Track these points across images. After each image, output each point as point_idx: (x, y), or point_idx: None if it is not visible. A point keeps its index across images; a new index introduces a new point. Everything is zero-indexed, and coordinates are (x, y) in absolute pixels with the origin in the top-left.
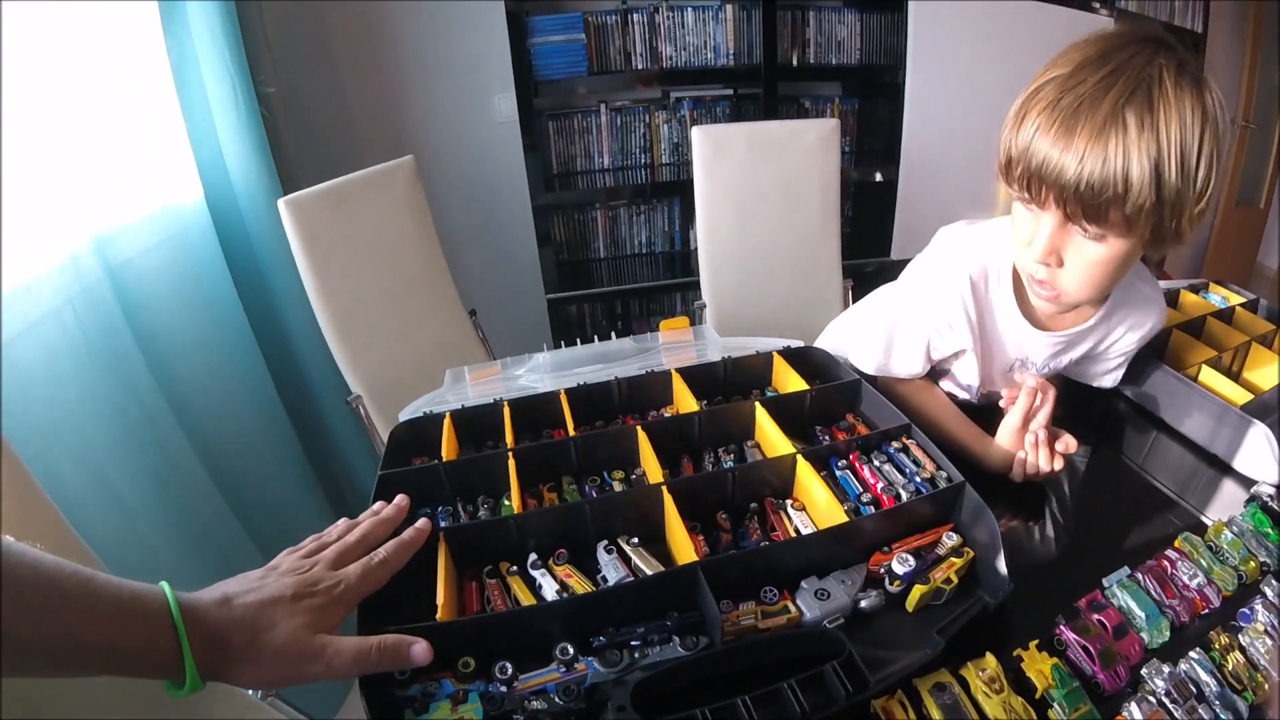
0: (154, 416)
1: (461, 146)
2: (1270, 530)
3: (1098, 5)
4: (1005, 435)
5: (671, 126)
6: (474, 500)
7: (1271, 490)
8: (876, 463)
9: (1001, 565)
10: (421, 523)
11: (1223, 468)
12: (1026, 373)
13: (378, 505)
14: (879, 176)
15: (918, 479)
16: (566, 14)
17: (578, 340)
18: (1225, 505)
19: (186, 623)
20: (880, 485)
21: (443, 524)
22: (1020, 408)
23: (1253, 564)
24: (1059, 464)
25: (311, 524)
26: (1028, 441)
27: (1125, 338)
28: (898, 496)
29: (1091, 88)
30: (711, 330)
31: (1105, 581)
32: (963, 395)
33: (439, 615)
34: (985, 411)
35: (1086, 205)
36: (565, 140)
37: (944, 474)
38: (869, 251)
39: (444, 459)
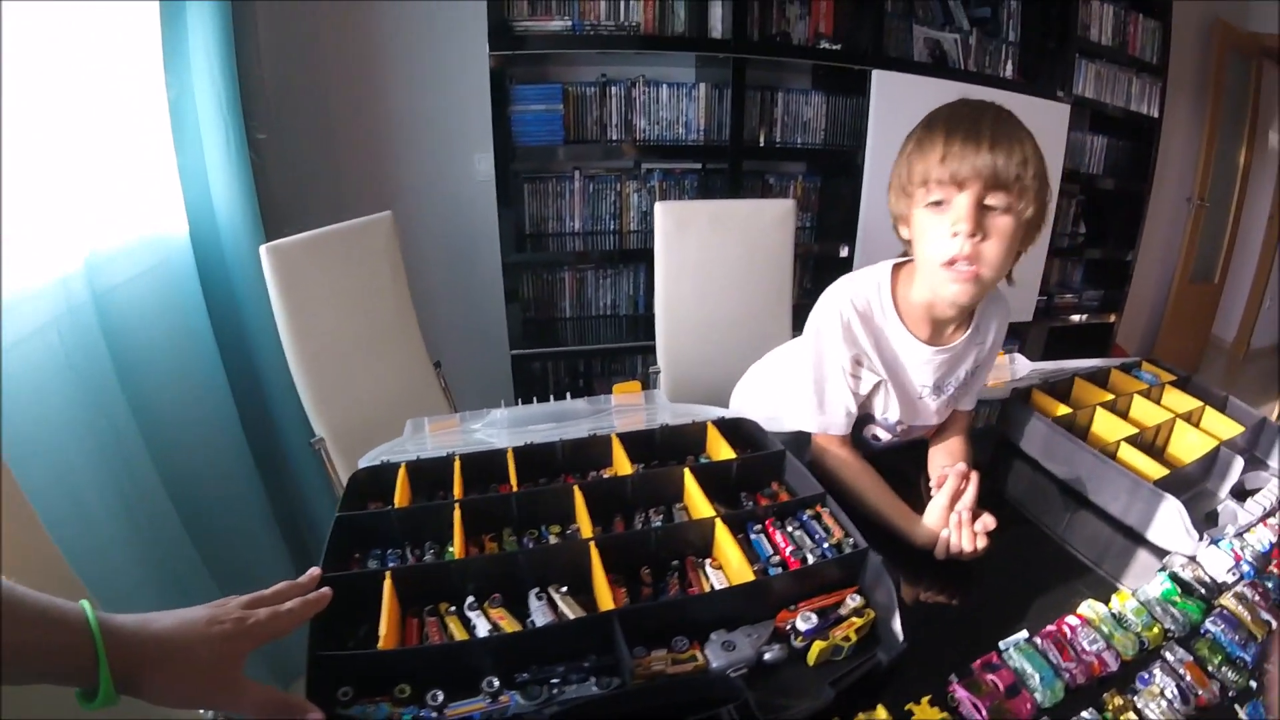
0: (125, 440)
1: (442, 200)
2: (1178, 599)
3: (1061, 94)
4: (932, 514)
5: (641, 196)
6: (422, 545)
7: (1184, 560)
8: (790, 528)
9: (897, 626)
10: (326, 589)
11: (1138, 539)
12: (956, 466)
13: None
14: (844, 251)
15: (825, 545)
16: (548, 84)
17: (534, 398)
18: (1140, 574)
19: (104, 634)
20: (790, 549)
21: (391, 564)
22: (948, 489)
23: (1156, 630)
24: (981, 543)
25: (266, 558)
26: (951, 521)
27: (994, 337)
28: (804, 560)
29: (977, 110)
30: (662, 396)
31: (1002, 644)
32: (886, 436)
33: (380, 644)
34: (912, 454)
35: (1000, 175)
36: (539, 202)
37: (851, 540)
38: None
39: (396, 505)
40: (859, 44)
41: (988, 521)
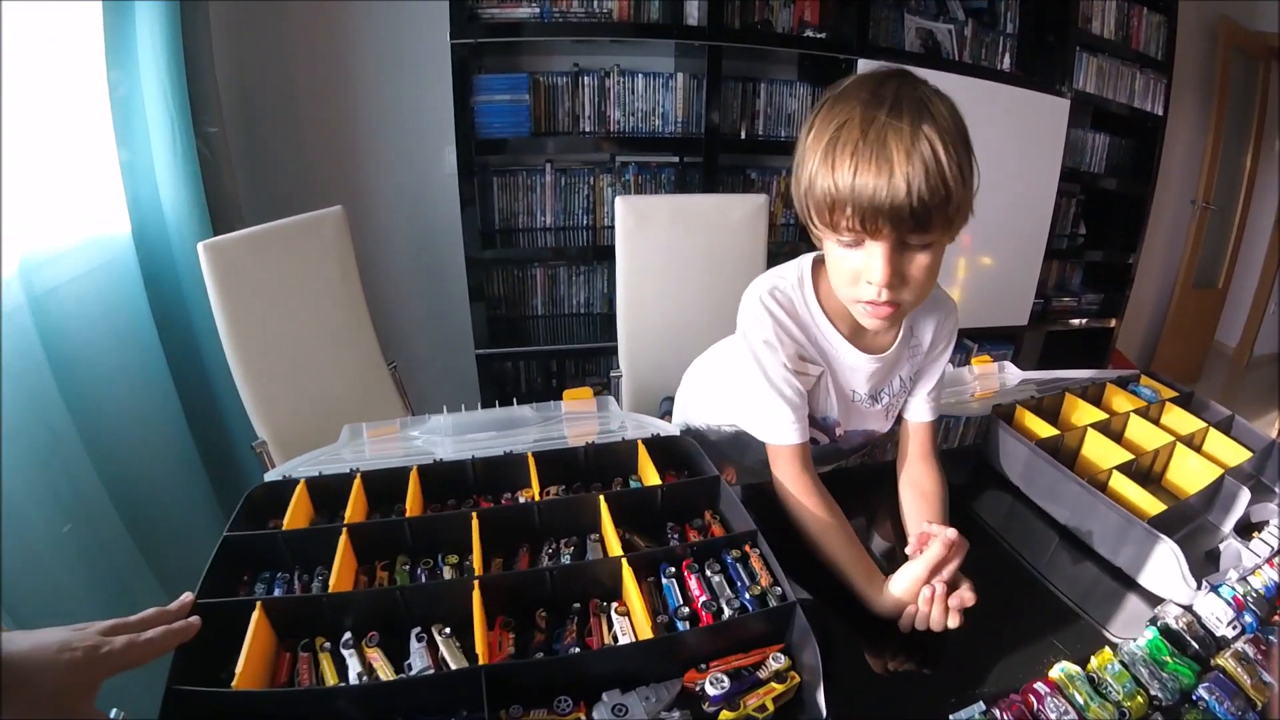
0: (63, 445)
1: (407, 195)
2: (1169, 659)
3: (1060, 88)
4: (903, 583)
5: (615, 190)
6: (312, 570)
7: (1179, 610)
8: (709, 572)
9: (820, 700)
10: (193, 619)
11: (1128, 582)
12: (943, 530)
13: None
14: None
15: (746, 595)
16: (513, 74)
17: (497, 401)
18: (1128, 622)
19: None
20: (703, 598)
21: (278, 590)
22: (928, 559)
23: (1139, 699)
24: (954, 621)
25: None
26: (923, 595)
27: (934, 339)
28: (718, 612)
29: (886, 119)
30: (614, 403)
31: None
32: (824, 439)
33: (235, 683)
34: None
35: (918, 219)
36: (509, 196)
37: (779, 590)
38: None
39: (286, 526)
40: (845, 33)
41: (966, 598)
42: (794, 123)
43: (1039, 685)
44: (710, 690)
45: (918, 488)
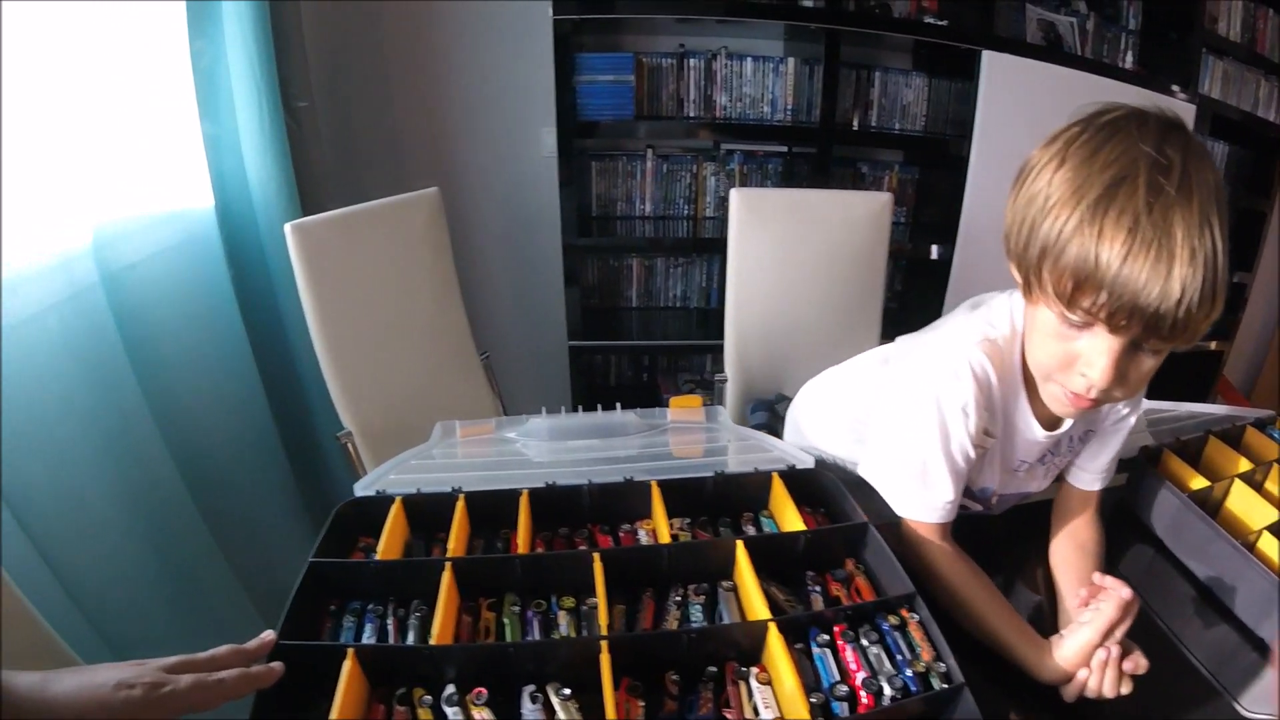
0: (135, 429)
1: (501, 177)
2: None
3: (1176, 88)
4: (1074, 649)
5: (719, 179)
6: (408, 603)
7: None
8: (865, 641)
9: None
10: (275, 665)
11: (1267, 652)
12: (1117, 585)
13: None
14: (934, 253)
15: (908, 671)
16: (618, 54)
17: (594, 394)
18: (1262, 696)
19: None
20: (862, 676)
21: (365, 640)
22: (1103, 622)
23: None
24: (1126, 688)
25: (295, 558)
26: (1096, 659)
27: (1116, 412)
28: (879, 693)
29: (1175, 196)
30: (725, 414)
31: None
32: (976, 507)
33: None
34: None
35: (1174, 329)
36: (608, 182)
37: (942, 667)
38: (913, 329)
39: (381, 552)
40: (968, 22)
41: (1140, 664)
42: (909, 115)
43: None
44: None
45: (1075, 540)
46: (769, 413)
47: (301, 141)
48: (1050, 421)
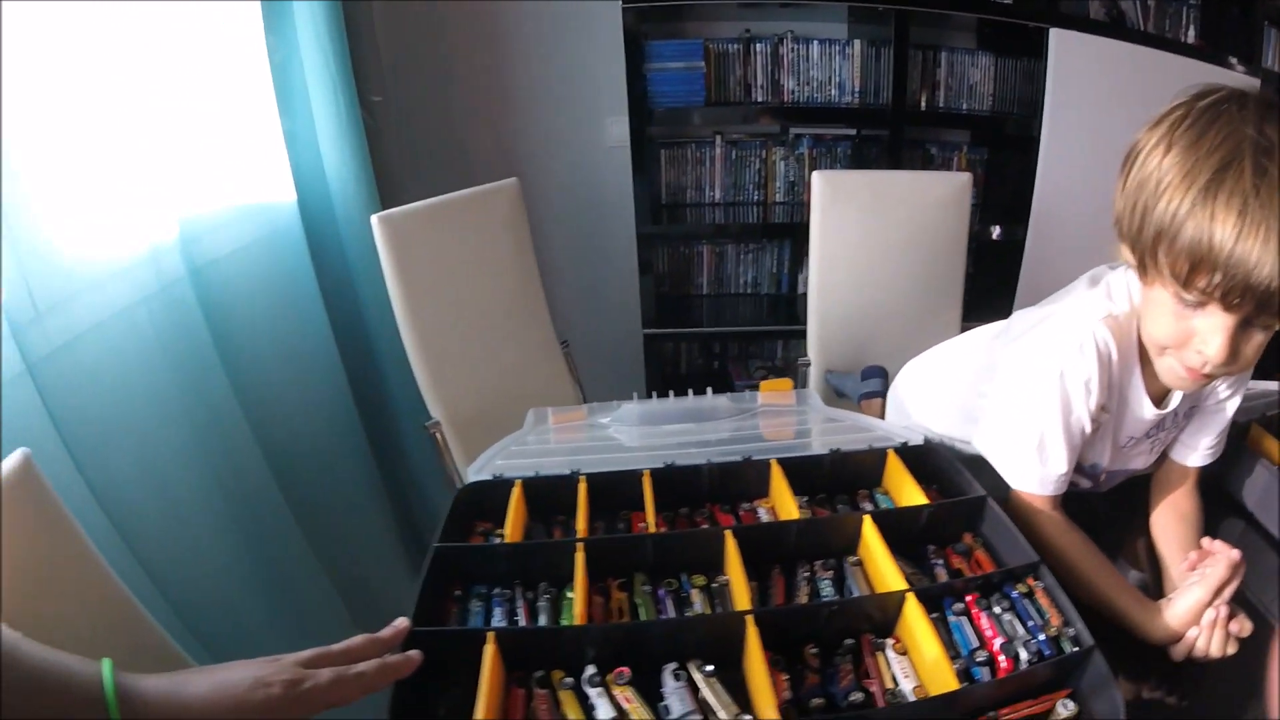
0: (224, 422)
1: (568, 168)
2: None
3: (1234, 62)
4: (1184, 609)
5: (788, 164)
6: (535, 586)
7: None
8: (997, 609)
9: None
10: (414, 653)
11: None
12: (1226, 549)
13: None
14: (995, 234)
15: (1041, 636)
16: (687, 40)
17: (669, 381)
18: None
19: (122, 703)
20: (999, 641)
21: (494, 624)
22: (1213, 580)
23: None
24: (1232, 649)
25: (379, 549)
26: (1206, 618)
27: (1226, 387)
28: (1016, 657)
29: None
30: (816, 397)
31: None
32: (1086, 484)
33: None
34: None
35: None
36: (677, 170)
37: (1071, 631)
38: (988, 315)
39: (507, 535)
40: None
41: (1245, 625)
42: (975, 95)
43: None
44: None
45: (1177, 511)
46: (882, 378)
47: (377, 135)
48: (1159, 398)
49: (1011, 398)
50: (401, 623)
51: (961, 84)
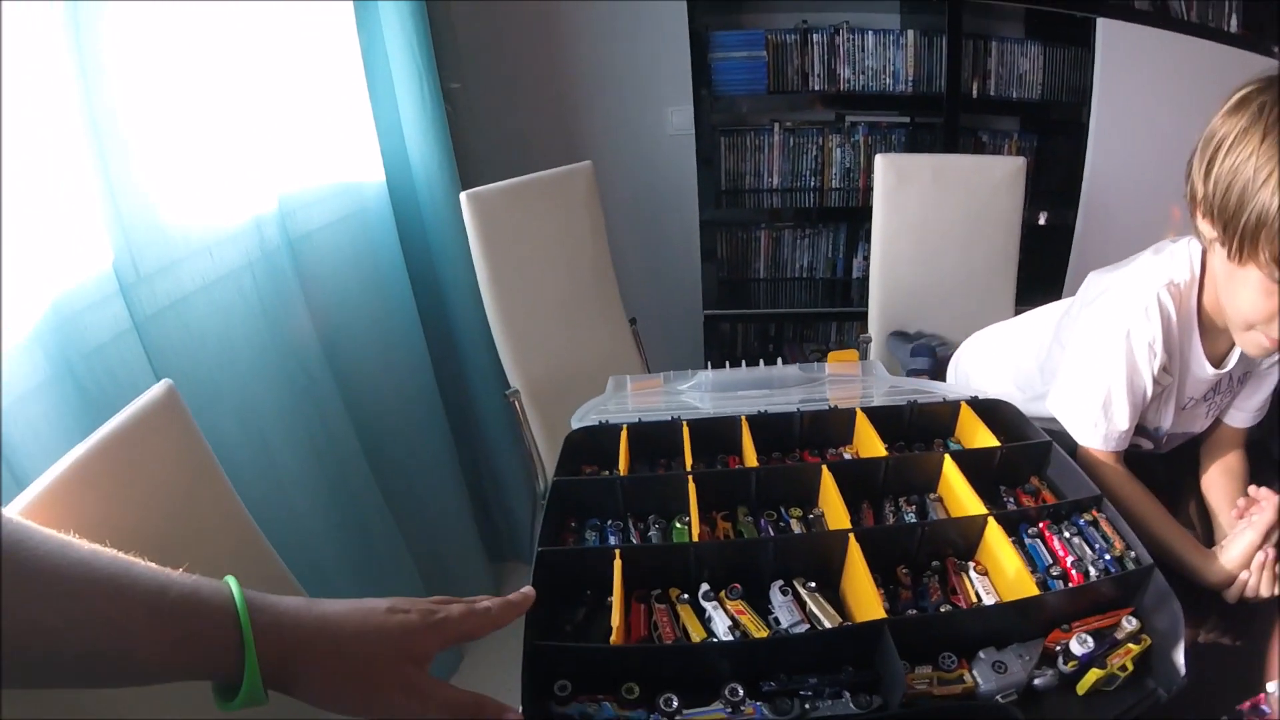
0: (319, 388)
1: (632, 155)
2: None
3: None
4: (1237, 551)
5: (844, 150)
6: (644, 519)
7: None
8: (1067, 534)
9: (1179, 657)
10: (529, 589)
11: None
12: (1271, 495)
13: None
14: (1042, 219)
15: (1107, 556)
16: (749, 30)
17: (728, 361)
18: None
19: (254, 616)
20: (1071, 559)
21: (612, 538)
22: (1263, 524)
23: None
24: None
25: (451, 513)
26: (1256, 560)
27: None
28: (1086, 573)
29: None
30: (881, 368)
31: (1269, 687)
32: (1148, 445)
33: (613, 638)
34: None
35: None
36: (736, 157)
37: (1133, 554)
38: (1037, 298)
39: (621, 472)
40: None
41: None
42: (1024, 83)
43: None
44: (1076, 649)
45: (1226, 468)
46: (931, 358)
47: (455, 121)
48: (1217, 360)
49: (1080, 358)
50: (528, 590)
51: (1011, 72)
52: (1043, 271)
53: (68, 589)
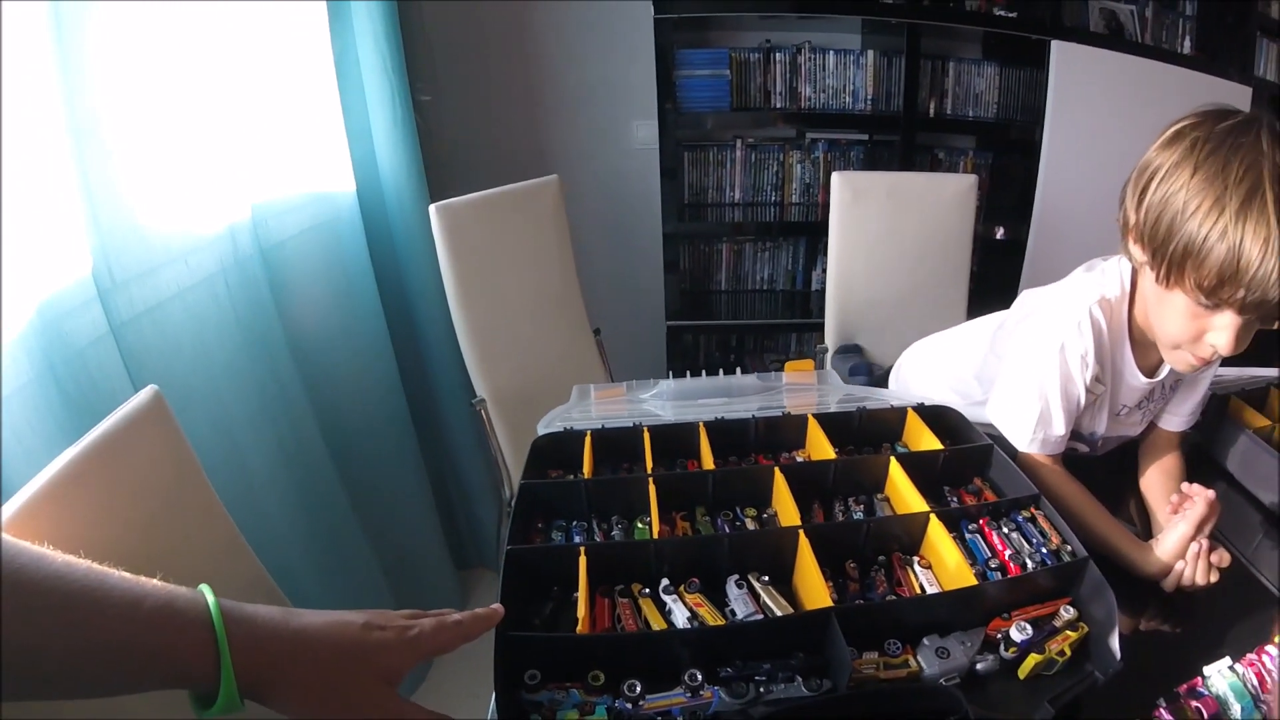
0: (289, 394)
1: (599, 167)
2: None
3: (1239, 74)
4: (1171, 543)
5: (804, 167)
6: (608, 519)
7: None
8: (1005, 529)
9: (1115, 643)
10: (497, 606)
11: None
12: (1203, 490)
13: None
14: (999, 234)
15: (1044, 550)
16: (714, 49)
17: (689, 370)
18: None
19: (230, 626)
20: (1008, 552)
21: (578, 539)
22: (1194, 517)
23: None
24: (1214, 578)
25: (418, 520)
26: (1190, 550)
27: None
28: (1024, 565)
29: None
30: (836, 377)
31: (1206, 670)
32: (1084, 449)
33: (579, 628)
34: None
35: None
36: (699, 171)
37: (1069, 548)
38: (992, 309)
39: (585, 474)
40: (1037, 12)
41: (1224, 555)
42: (981, 103)
43: (1271, 648)
44: (1016, 636)
45: (1163, 469)
46: (867, 377)
47: (426, 133)
48: (1149, 370)
49: (1018, 369)
50: (498, 607)
51: (968, 92)
52: (999, 284)
53: (43, 603)
